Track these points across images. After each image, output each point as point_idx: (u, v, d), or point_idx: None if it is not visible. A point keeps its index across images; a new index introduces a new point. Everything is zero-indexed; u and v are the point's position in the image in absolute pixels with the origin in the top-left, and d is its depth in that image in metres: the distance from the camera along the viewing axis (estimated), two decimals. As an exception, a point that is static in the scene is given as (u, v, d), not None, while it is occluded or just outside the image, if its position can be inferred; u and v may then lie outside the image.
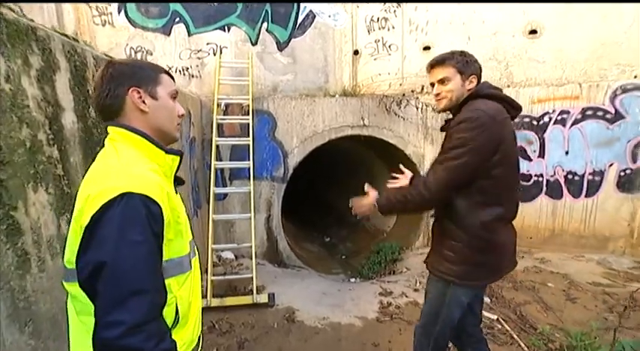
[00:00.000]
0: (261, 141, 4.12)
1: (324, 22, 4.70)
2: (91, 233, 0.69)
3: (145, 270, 0.71)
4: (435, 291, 1.50)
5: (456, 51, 1.42)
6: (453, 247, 1.40)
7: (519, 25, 4.06)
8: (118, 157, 0.80)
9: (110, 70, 0.85)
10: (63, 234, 1.43)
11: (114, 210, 0.69)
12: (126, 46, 3.95)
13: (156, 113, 0.88)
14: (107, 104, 0.85)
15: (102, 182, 0.74)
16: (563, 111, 3.96)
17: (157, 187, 0.77)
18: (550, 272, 3.64)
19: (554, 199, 4.15)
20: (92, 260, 0.68)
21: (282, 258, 4.41)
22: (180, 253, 0.86)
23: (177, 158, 0.91)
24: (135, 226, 0.70)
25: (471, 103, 1.36)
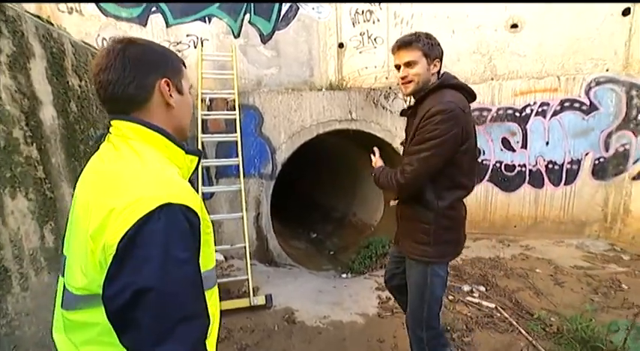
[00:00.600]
0: (248, 137, 3.96)
1: (308, 14, 4.58)
2: (126, 254, 0.58)
3: (193, 292, 0.63)
4: (416, 274, 1.54)
5: (422, 33, 1.40)
6: (425, 229, 1.45)
7: (501, 19, 4.14)
8: (141, 159, 0.68)
9: (134, 50, 0.71)
10: (48, 246, 1.25)
11: (154, 224, 0.59)
12: (97, 37, 3.63)
13: (181, 109, 0.78)
14: (130, 94, 0.71)
15: (129, 192, 0.62)
16: (543, 103, 4.10)
17: (194, 194, 0.67)
18: (536, 258, 3.78)
19: (537, 188, 4.30)
20: (131, 286, 0.57)
21: (272, 257, 4.29)
22: (209, 265, 0.77)
23: (196, 159, 0.81)
24: (180, 242, 0.61)
25: (440, 93, 1.37)
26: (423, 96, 1.41)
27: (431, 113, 1.33)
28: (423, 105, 1.39)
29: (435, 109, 1.32)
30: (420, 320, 1.58)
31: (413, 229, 1.50)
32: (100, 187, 0.66)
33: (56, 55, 1.38)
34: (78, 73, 1.52)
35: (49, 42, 1.34)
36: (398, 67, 1.44)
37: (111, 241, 0.59)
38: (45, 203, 1.25)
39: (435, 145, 1.33)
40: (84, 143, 1.54)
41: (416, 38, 1.37)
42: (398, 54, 1.42)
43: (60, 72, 1.39)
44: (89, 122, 1.60)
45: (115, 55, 0.70)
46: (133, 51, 0.71)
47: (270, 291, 3.28)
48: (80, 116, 1.52)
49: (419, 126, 1.37)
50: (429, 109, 1.34)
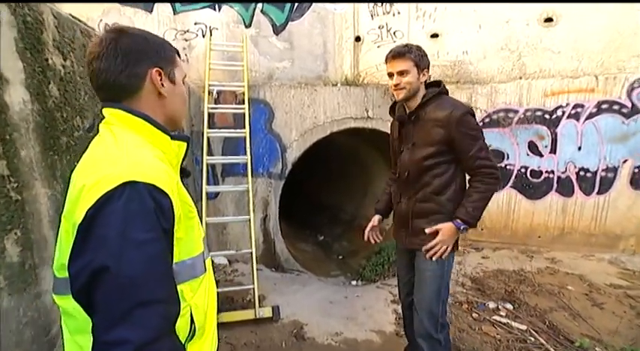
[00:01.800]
0: (257, 133, 3.71)
1: (324, 5, 4.31)
2: (87, 232, 0.57)
3: (154, 275, 0.59)
4: (432, 267, 1.58)
5: (413, 45, 1.54)
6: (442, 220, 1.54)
7: (534, 12, 3.82)
8: (116, 140, 0.67)
9: (127, 40, 0.71)
10: (10, 261, 1.01)
11: (115, 203, 0.57)
12: (99, 22, 3.41)
13: (173, 99, 0.78)
14: (121, 83, 0.71)
15: (99, 170, 0.61)
16: (577, 104, 3.77)
17: (165, 174, 0.65)
18: (565, 273, 3.46)
19: (565, 196, 3.98)
20: (90, 265, 0.55)
21: (279, 261, 4.05)
22: (193, 253, 0.74)
23: (184, 145, 0.79)
24: (141, 221, 0.58)
25: (444, 99, 1.55)
26: (425, 102, 1.53)
27: (458, 116, 1.46)
28: (429, 110, 1.53)
29: (458, 111, 1.47)
30: (436, 319, 1.61)
31: (431, 222, 1.56)
32: (79, 169, 0.67)
33: (32, 25, 1.13)
34: (61, 50, 1.28)
35: (21, 9, 1.10)
36: (391, 75, 1.57)
37: (78, 219, 0.57)
38: (8, 207, 1.01)
39: (483, 139, 1.52)
40: (67, 134, 1.30)
41: (408, 50, 1.50)
42: (392, 63, 1.54)
43: (36, 46, 1.14)
44: (74, 109, 1.35)
45: (107, 43, 0.70)
46: (125, 40, 0.71)
47: (276, 300, 3.03)
48: (63, 102, 1.27)
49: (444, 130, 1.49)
50: (451, 113, 1.47)
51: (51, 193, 1.21)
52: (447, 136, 1.48)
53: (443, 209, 1.56)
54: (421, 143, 1.54)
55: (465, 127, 1.47)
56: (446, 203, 1.56)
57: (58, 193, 1.26)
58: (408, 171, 1.60)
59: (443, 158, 1.53)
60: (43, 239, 1.18)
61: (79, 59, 1.44)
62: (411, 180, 1.61)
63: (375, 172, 5.99)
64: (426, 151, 1.52)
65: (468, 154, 1.49)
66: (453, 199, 1.55)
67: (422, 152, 1.54)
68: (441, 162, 1.53)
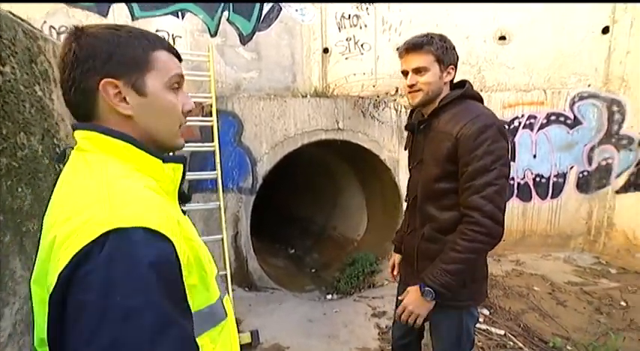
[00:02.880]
0: (226, 146, 3.52)
1: (291, 16, 4.28)
2: (61, 302, 0.43)
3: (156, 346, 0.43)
4: (448, 323, 1.31)
5: (435, 34, 1.20)
6: None
7: (490, 30, 4.10)
8: (92, 172, 0.53)
9: (75, 44, 0.55)
10: None
11: (94, 260, 0.43)
12: (43, 24, 3.04)
13: (146, 116, 0.59)
14: (74, 101, 0.58)
15: (72, 215, 0.47)
16: (530, 116, 4.08)
17: (162, 211, 0.51)
18: (530, 274, 3.67)
19: (524, 201, 4.25)
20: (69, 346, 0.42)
21: (252, 280, 3.84)
22: (210, 299, 0.61)
23: (180, 167, 0.64)
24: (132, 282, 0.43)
25: (465, 105, 1.19)
26: (440, 107, 1.21)
27: (474, 130, 1.11)
28: (444, 118, 1.19)
29: (477, 124, 1.11)
30: None
31: None
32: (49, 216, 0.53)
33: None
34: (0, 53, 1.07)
35: (-49, 5, 0.89)
36: (405, 73, 1.23)
37: (50, 284, 0.45)
38: None
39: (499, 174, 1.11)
40: (7, 155, 1.07)
41: (428, 40, 1.16)
42: (406, 58, 1.21)
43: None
44: (17, 125, 1.13)
45: (62, 53, 0.57)
46: (74, 45, 0.55)
47: (254, 323, 2.85)
48: (2, 116, 1.05)
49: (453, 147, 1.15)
50: (465, 125, 1.12)
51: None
52: (454, 153, 1.14)
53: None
54: (429, 161, 1.22)
55: (478, 146, 1.09)
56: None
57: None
58: (415, 195, 1.30)
59: (453, 185, 1.18)
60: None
61: (23, 65, 1.23)
62: (418, 207, 1.29)
63: (345, 184, 6.01)
64: (434, 171, 1.21)
65: (467, 183, 1.12)
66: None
67: (430, 172, 1.22)
68: (450, 189, 1.19)
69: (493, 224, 1.10)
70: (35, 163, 1.21)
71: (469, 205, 1.12)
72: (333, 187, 6.46)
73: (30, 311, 1.15)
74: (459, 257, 1.12)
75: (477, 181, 1.10)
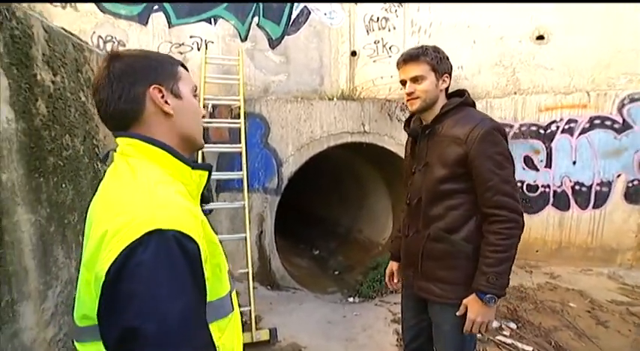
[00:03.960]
0: (253, 148, 3.64)
1: (320, 20, 4.34)
2: (113, 289, 0.53)
3: (190, 331, 0.55)
4: (451, 321, 1.32)
5: (429, 46, 1.31)
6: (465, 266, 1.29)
7: (526, 30, 3.90)
8: (134, 176, 0.62)
9: (118, 64, 0.67)
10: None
11: (140, 255, 0.53)
12: (92, 35, 3.34)
13: (182, 116, 0.71)
14: (122, 110, 0.67)
15: (119, 213, 0.57)
16: (570, 119, 3.82)
17: (192, 217, 0.61)
18: (566, 289, 3.42)
19: (562, 210, 3.98)
20: (119, 325, 0.52)
21: (275, 279, 3.92)
22: (221, 292, 0.70)
23: (206, 174, 0.73)
24: (171, 274, 0.55)
25: (467, 111, 1.30)
26: (443, 114, 1.30)
27: (481, 134, 1.20)
28: (447, 124, 1.28)
29: (483, 127, 1.21)
30: None
31: (446, 267, 1.31)
32: (99, 211, 0.62)
33: (19, 39, 1.06)
34: (51, 65, 1.21)
35: (8, 21, 1.03)
36: (403, 83, 1.33)
37: (100, 271, 0.54)
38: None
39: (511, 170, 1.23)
40: (54, 154, 1.21)
41: (423, 51, 1.27)
42: (404, 68, 1.31)
43: (24, 61, 1.07)
44: (64, 128, 1.27)
45: (103, 73, 0.68)
46: (117, 65, 0.67)
47: (273, 321, 2.91)
48: (51, 120, 1.19)
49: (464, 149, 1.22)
50: (473, 129, 1.21)
51: (35, 219, 1.11)
52: (465, 156, 1.20)
53: (458, 252, 1.28)
54: (436, 164, 1.29)
55: (488, 147, 1.18)
56: (462, 244, 1.28)
57: (43, 218, 1.16)
58: (419, 197, 1.34)
59: (459, 185, 1.25)
60: (23, 271, 1.07)
61: (70, 74, 1.37)
62: (423, 209, 1.33)
63: (371, 187, 5.96)
64: (441, 173, 1.26)
65: (487, 184, 1.18)
66: (470, 240, 1.27)
67: (436, 174, 1.28)
68: (457, 190, 1.26)
69: (519, 217, 1.20)
70: (77, 162, 1.34)
71: (496, 204, 1.19)
72: (360, 190, 6.43)
73: (71, 293, 1.28)
74: (505, 256, 1.18)
75: (495, 180, 1.18)
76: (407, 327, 1.58)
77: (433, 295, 1.34)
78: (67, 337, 1.27)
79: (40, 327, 1.14)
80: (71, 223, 1.32)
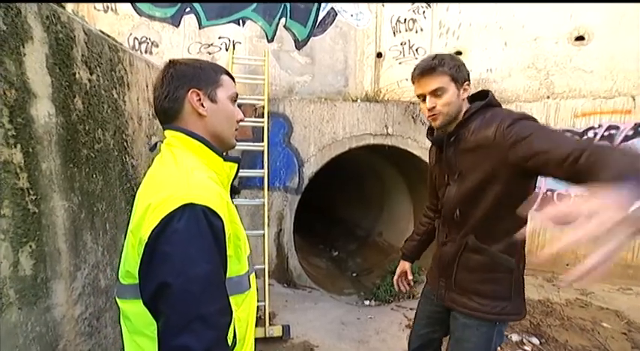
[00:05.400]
0: (275, 147, 3.71)
1: (346, 21, 4.35)
2: (152, 250, 0.64)
3: (211, 291, 0.66)
4: (476, 338, 1.25)
5: (444, 54, 1.19)
6: (506, 280, 1.21)
7: (564, 30, 3.70)
8: (176, 163, 0.74)
9: (171, 70, 0.81)
10: (23, 274, 1.00)
11: (176, 224, 0.64)
12: (129, 36, 3.56)
13: (214, 117, 0.82)
14: (166, 107, 0.81)
15: (162, 190, 0.68)
16: (611, 126, 3.57)
17: (218, 197, 0.71)
18: (599, 308, 3.20)
19: (597, 223, 3.72)
20: (155, 280, 0.63)
21: (292, 277, 3.96)
22: (240, 271, 0.79)
23: (235, 166, 0.85)
24: (199, 241, 0.65)
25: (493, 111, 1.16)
26: (467, 118, 1.18)
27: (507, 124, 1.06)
28: (474, 127, 1.16)
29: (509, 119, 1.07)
30: None
31: (486, 280, 1.21)
32: (145, 189, 0.73)
33: (63, 41, 1.16)
34: (89, 64, 1.31)
35: (54, 26, 1.12)
36: (422, 97, 1.21)
37: (144, 236, 0.64)
38: (25, 220, 1.01)
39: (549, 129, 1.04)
40: (87, 147, 1.31)
41: (440, 62, 1.15)
42: (421, 82, 1.19)
43: (65, 62, 1.17)
44: (97, 122, 1.37)
45: (161, 76, 0.82)
46: (170, 70, 0.81)
47: (287, 318, 2.95)
48: (86, 115, 1.29)
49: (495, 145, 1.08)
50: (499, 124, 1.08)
51: (68, 206, 1.21)
52: (498, 155, 1.07)
53: (499, 265, 1.20)
54: (469, 171, 1.18)
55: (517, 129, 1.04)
56: (502, 257, 1.19)
57: (75, 205, 1.26)
58: (457, 209, 1.25)
59: (497, 191, 1.14)
60: (56, 252, 1.17)
61: (105, 73, 1.47)
62: (459, 219, 1.25)
63: (393, 190, 5.88)
64: (476, 180, 1.16)
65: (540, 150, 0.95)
66: (512, 252, 1.18)
67: (472, 182, 1.18)
68: (495, 196, 1.14)
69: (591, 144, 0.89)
70: (107, 154, 1.45)
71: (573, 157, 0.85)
72: (381, 193, 6.36)
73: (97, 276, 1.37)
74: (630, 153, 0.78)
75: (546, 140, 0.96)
76: (416, 335, 1.51)
77: (467, 309, 1.25)
78: (92, 316, 1.37)
79: (69, 304, 1.24)
80: (99, 211, 1.42)
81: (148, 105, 1.86)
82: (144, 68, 1.84)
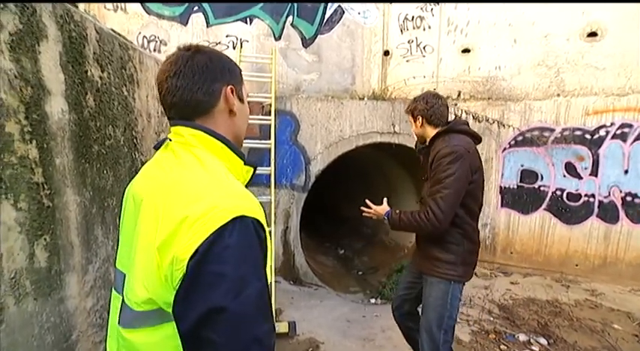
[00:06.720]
0: (282, 145, 3.73)
1: (354, 19, 4.34)
2: (199, 270, 0.55)
3: (264, 311, 0.59)
4: (436, 292, 1.67)
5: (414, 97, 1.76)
6: (455, 250, 1.64)
7: (576, 27, 3.63)
8: (204, 167, 0.65)
9: (202, 57, 0.71)
10: (38, 266, 1.03)
11: (227, 239, 0.56)
12: (138, 35, 3.60)
13: (241, 117, 0.78)
14: (198, 100, 0.70)
15: (204, 200, 0.58)
16: (624, 124, 3.50)
17: (261, 208, 0.64)
18: (610, 309, 3.16)
19: (608, 222, 3.67)
20: (204, 305, 0.54)
21: (298, 275, 3.99)
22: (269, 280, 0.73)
23: (252, 170, 0.78)
24: (253, 258, 0.59)
25: (447, 138, 1.62)
26: (433, 138, 1.68)
27: (440, 155, 1.56)
28: (434, 147, 1.66)
29: (442, 151, 1.57)
30: (436, 346, 1.67)
31: (440, 249, 1.66)
32: (169, 197, 0.62)
33: (75, 40, 1.18)
34: (100, 62, 1.34)
35: (68, 24, 1.15)
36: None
37: (182, 255, 0.55)
38: (40, 213, 1.04)
39: (452, 182, 1.54)
40: (99, 143, 1.34)
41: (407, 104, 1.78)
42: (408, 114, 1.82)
43: (78, 59, 1.20)
44: (107, 119, 1.40)
45: (185, 61, 0.70)
46: (201, 58, 0.71)
47: (293, 315, 2.97)
48: (97, 112, 1.32)
49: (432, 165, 1.62)
50: (438, 151, 1.58)
51: (80, 200, 1.24)
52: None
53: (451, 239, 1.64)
54: (430, 177, 1.66)
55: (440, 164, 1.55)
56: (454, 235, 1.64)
57: (87, 200, 1.29)
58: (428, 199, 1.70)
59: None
60: (69, 245, 1.21)
61: (116, 70, 1.50)
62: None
63: (400, 188, 5.86)
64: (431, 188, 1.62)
65: (432, 188, 1.60)
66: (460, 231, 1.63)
67: (430, 186, 1.63)
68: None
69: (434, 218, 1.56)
70: (117, 151, 1.48)
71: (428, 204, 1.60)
72: (388, 191, 6.33)
73: (108, 270, 1.40)
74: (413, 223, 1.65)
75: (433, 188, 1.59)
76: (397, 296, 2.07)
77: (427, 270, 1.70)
78: (103, 308, 1.41)
79: (81, 297, 1.28)
80: (110, 206, 1.45)
81: (157, 102, 1.89)
82: (153, 66, 1.87)
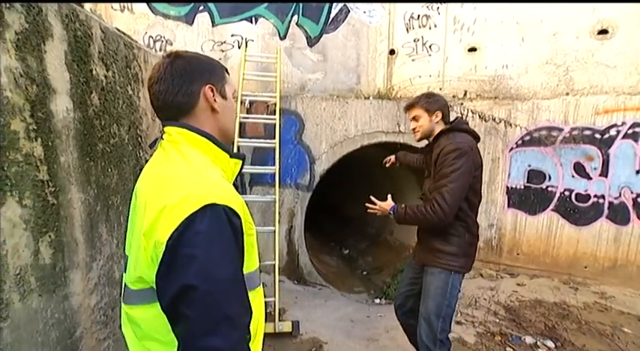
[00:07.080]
0: (287, 144, 3.72)
1: (359, 18, 4.32)
2: (173, 252, 0.62)
3: (235, 292, 0.66)
4: (437, 282, 1.73)
5: (424, 94, 1.81)
6: (456, 241, 1.70)
7: (586, 24, 3.56)
8: (187, 161, 0.72)
9: (181, 62, 0.78)
10: (42, 263, 1.04)
11: (199, 224, 0.62)
12: (144, 35, 3.63)
13: (224, 113, 0.83)
14: (178, 101, 0.77)
15: (177, 190, 0.65)
16: (636, 123, 3.43)
17: (236, 195, 0.70)
18: (620, 312, 3.10)
19: (619, 224, 3.60)
20: (177, 283, 0.61)
21: (302, 274, 3.98)
22: (252, 267, 0.79)
23: (240, 163, 0.85)
24: (222, 242, 0.64)
25: (451, 135, 1.69)
26: (437, 136, 1.74)
27: (446, 151, 1.62)
28: (438, 144, 1.71)
29: (448, 148, 1.63)
30: (434, 334, 1.73)
31: (442, 241, 1.72)
32: (154, 189, 0.69)
33: (81, 39, 1.19)
34: (105, 61, 1.35)
35: (73, 23, 1.16)
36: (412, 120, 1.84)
37: (161, 238, 0.62)
38: (45, 211, 1.05)
39: (458, 177, 1.60)
40: (103, 141, 1.35)
41: (417, 100, 1.77)
42: (408, 112, 1.84)
43: (83, 58, 1.20)
44: (112, 117, 1.41)
45: (165, 68, 0.76)
46: (179, 63, 0.77)
47: (297, 314, 2.97)
48: (102, 110, 1.33)
49: (437, 161, 1.66)
50: (443, 148, 1.64)
51: (84, 198, 1.26)
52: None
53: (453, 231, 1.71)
54: (434, 174, 1.70)
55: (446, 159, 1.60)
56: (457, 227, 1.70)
57: (91, 198, 1.30)
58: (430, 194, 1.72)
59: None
60: (74, 242, 1.22)
61: (120, 69, 1.51)
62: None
63: (405, 188, 5.82)
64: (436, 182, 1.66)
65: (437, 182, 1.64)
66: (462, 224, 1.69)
67: (434, 183, 1.68)
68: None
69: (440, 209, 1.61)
70: (122, 149, 1.49)
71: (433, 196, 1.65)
72: (393, 191, 6.27)
73: (112, 267, 1.41)
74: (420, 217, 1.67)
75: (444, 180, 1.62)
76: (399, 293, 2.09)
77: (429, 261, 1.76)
78: (107, 306, 1.42)
79: (85, 294, 1.29)
80: (114, 204, 1.47)
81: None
82: (158, 65, 1.88)
